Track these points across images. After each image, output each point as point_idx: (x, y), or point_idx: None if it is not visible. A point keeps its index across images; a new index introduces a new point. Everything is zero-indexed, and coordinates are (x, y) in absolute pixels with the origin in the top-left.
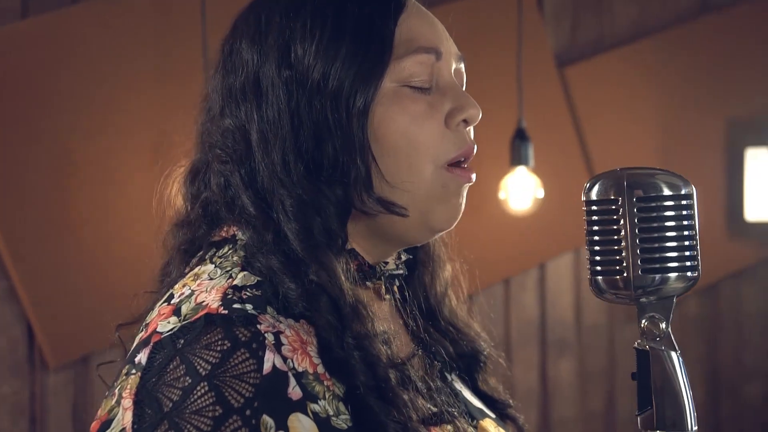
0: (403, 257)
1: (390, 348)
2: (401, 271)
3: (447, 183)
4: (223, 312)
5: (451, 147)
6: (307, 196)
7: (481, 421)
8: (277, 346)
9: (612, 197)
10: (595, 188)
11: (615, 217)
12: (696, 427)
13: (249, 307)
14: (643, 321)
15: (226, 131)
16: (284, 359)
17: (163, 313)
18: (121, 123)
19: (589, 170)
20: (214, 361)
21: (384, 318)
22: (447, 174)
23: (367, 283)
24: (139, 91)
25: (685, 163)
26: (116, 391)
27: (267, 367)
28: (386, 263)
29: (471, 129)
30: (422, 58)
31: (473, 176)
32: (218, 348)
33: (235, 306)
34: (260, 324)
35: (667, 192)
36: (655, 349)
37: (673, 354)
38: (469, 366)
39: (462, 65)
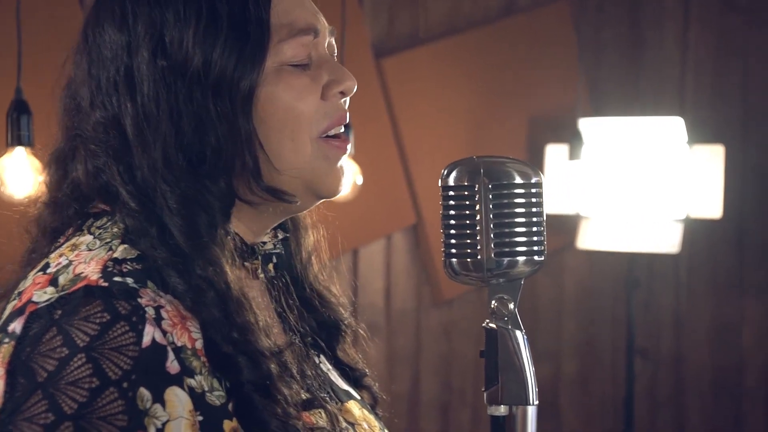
0: (280, 235)
1: (269, 338)
2: (278, 250)
3: (327, 154)
4: (103, 284)
5: (324, 117)
6: (190, 192)
7: (346, 404)
8: (158, 320)
9: (469, 183)
10: (453, 175)
11: (470, 202)
12: (537, 401)
13: (130, 280)
14: (493, 302)
15: (97, 125)
16: (164, 333)
17: (39, 283)
18: None
19: (402, 159)
20: (92, 333)
21: (262, 305)
22: (325, 145)
23: (245, 263)
24: None
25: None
26: None
27: (146, 340)
28: (264, 243)
29: (346, 100)
30: (303, 40)
31: (349, 146)
32: (97, 320)
33: (116, 279)
34: (141, 298)
35: (519, 180)
36: (503, 328)
37: (518, 333)
38: (330, 335)
39: (333, 38)
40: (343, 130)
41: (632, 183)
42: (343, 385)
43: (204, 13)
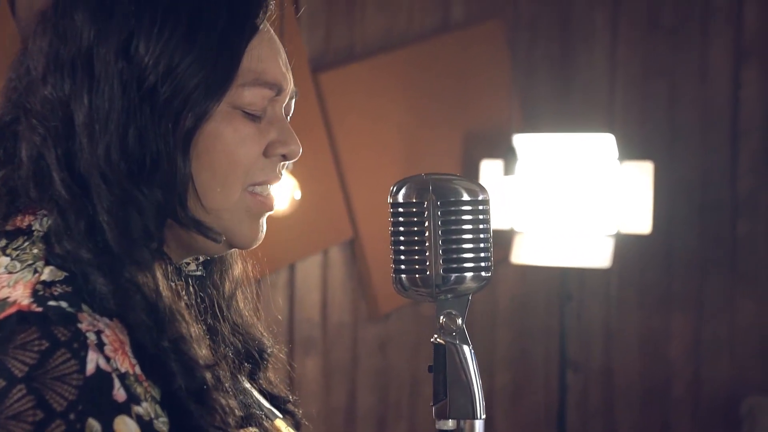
0: (201, 258)
1: (202, 350)
2: (200, 273)
3: (251, 207)
4: (37, 309)
5: (260, 173)
6: (125, 194)
7: (274, 422)
8: (100, 345)
9: (417, 200)
10: (402, 192)
11: (419, 219)
12: (484, 416)
13: (64, 304)
14: (441, 317)
15: (45, 101)
16: (107, 359)
17: None
18: None
19: (339, 174)
20: (31, 362)
21: (191, 319)
22: (251, 197)
23: (170, 283)
24: None
25: (425, 170)
26: None
27: (90, 368)
28: (187, 263)
29: (287, 165)
30: (264, 92)
31: (274, 205)
32: (35, 348)
33: (50, 303)
34: (81, 323)
35: (466, 197)
36: (450, 343)
37: (466, 348)
38: (253, 364)
39: (293, 101)
40: (271, 187)
41: (565, 198)
42: (266, 404)
43: (180, 30)
